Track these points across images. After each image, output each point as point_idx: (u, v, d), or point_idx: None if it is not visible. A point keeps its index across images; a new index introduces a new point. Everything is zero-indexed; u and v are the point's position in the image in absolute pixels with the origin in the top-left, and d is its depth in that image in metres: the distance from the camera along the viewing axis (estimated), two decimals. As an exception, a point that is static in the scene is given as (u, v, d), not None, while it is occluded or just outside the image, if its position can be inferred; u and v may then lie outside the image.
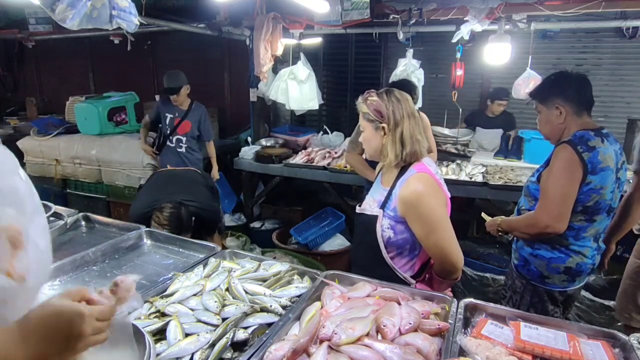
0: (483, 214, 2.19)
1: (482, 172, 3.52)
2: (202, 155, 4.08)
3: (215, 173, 4.18)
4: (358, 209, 1.70)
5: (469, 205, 4.20)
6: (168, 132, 3.84)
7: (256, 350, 1.15)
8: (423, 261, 1.64)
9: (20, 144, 4.88)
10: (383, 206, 1.58)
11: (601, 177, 1.74)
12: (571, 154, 1.74)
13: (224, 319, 1.28)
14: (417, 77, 3.73)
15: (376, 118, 1.54)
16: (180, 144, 3.87)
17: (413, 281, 1.61)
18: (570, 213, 1.77)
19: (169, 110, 3.86)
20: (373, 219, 1.59)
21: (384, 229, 1.57)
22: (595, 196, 1.76)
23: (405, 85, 2.86)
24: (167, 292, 1.47)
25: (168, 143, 3.86)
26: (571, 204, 1.76)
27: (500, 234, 2.07)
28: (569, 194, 1.75)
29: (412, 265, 1.63)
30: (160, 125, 3.94)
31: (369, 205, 1.66)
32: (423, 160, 1.58)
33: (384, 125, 1.54)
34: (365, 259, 1.66)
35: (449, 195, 1.61)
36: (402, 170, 1.58)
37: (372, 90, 1.59)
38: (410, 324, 1.19)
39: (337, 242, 3.84)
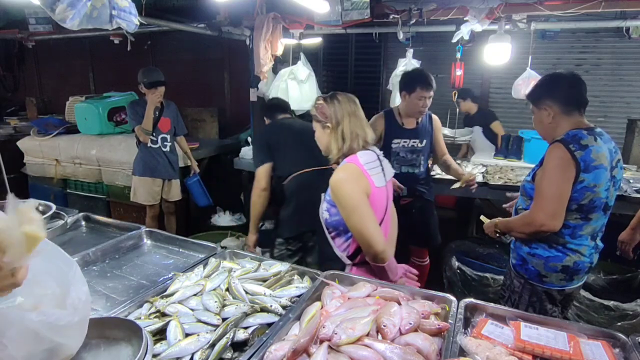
0: (482, 217, 2.19)
1: (482, 172, 3.52)
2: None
3: (195, 166, 4.15)
4: None
5: (468, 205, 4.20)
6: (153, 133, 3.74)
7: (256, 350, 1.15)
8: (358, 244, 1.76)
9: (20, 144, 4.88)
10: (325, 191, 1.82)
11: (595, 175, 1.75)
12: (564, 153, 1.76)
13: (224, 319, 1.28)
14: (417, 77, 3.72)
15: (322, 119, 1.76)
16: (165, 143, 3.82)
17: (349, 261, 1.78)
18: (565, 211, 1.79)
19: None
20: (321, 201, 1.84)
21: (323, 211, 1.79)
22: (590, 194, 1.77)
23: (420, 74, 2.81)
24: (167, 292, 1.47)
25: (151, 145, 3.76)
26: (565, 202, 1.77)
27: (498, 235, 2.07)
28: (563, 192, 1.76)
29: (347, 247, 1.78)
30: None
31: None
32: (358, 153, 1.73)
33: (328, 124, 1.74)
34: (321, 236, 1.87)
35: (380, 185, 1.75)
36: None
37: (322, 96, 1.79)
38: (410, 324, 1.19)
39: (337, 242, 3.83)
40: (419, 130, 2.92)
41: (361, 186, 1.67)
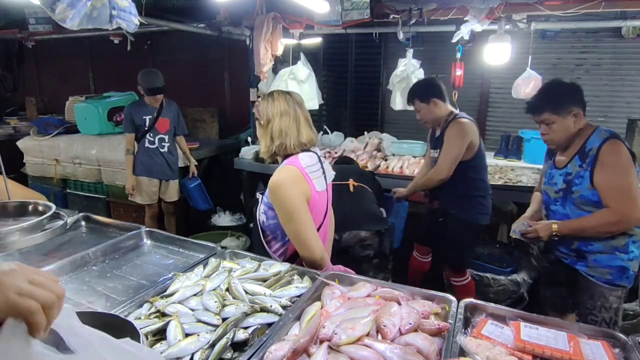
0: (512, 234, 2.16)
1: (482, 172, 3.52)
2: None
3: (193, 168, 4.13)
4: None
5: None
6: (150, 134, 3.76)
7: (256, 351, 1.15)
8: (294, 249, 1.72)
9: (20, 144, 4.88)
10: (263, 192, 1.76)
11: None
12: (623, 147, 1.82)
13: (224, 319, 1.28)
14: (417, 77, 3.72)
15: (257, 116, 1.73)
16: (163, 144, 3.82)
17: None
18: None
19: (145, 113, 3.73)
20: (257, 203, 1.78)
21: (260, 213, 1.75)
22: None
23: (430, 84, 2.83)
24: (167, 292, 1.47)
25: (148, 145, 3.77)
26: None
27: (555, 237, 2.00)
28: (637, 184, 1.81)
29: (284, 251, 1.76)
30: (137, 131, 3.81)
31: None
32: (299, 154, 1.68)
33: (261, 121, 1.71)
34: (256, 240, 1.82)
35: (321, 189, 1.71)
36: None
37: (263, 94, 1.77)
38: (410, 324, 1.19)
39: (337, 242, 3.83)
40: (439, 139, 2.86)
41: (301, 190, 1.61)
